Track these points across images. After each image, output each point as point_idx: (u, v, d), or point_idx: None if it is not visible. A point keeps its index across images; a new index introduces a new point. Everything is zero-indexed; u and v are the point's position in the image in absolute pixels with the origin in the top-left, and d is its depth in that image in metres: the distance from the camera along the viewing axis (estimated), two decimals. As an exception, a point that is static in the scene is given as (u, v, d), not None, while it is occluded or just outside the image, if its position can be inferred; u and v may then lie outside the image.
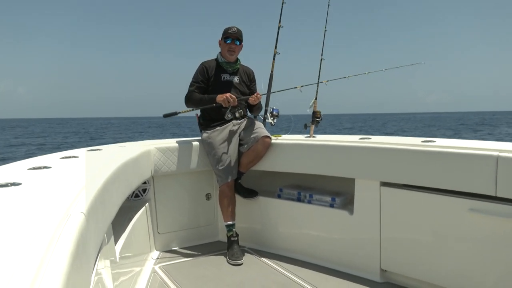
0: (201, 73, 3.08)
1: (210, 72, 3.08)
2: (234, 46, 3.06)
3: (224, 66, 3.11)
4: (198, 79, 3.08)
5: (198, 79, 3.08)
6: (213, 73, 3.08)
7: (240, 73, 3.18)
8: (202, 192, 3.30)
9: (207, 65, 3.10)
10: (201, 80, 3.07)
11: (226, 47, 3.05)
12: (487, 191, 1.99)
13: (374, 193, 2.46)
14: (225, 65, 3.11)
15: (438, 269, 2.22)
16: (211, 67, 3.09)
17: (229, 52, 3.06)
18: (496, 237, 2.00)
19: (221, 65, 3.11)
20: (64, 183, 1.37)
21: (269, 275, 2.62)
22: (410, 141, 2.43)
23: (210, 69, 3.09)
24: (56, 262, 0.75)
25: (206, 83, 3.08)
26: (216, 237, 3.33)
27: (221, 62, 3.11)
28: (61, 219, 0.95)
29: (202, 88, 3.08)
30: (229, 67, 3.12)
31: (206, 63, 3.12)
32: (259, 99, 3.07)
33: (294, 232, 2.93)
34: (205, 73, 3.08)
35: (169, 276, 2.61)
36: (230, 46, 3.05)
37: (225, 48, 3.06)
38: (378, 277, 2.48)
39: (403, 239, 2.36)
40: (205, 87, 3.08)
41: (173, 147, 3.03)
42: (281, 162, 2.95)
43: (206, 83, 3.08)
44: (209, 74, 3.08)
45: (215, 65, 3.12)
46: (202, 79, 3.07)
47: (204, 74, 3.08)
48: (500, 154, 1.95)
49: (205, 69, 3.08)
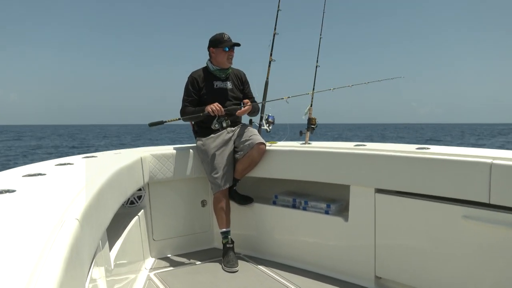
0: (192, 86, 3.07)
1: (201, 82, 3.07)
2: (233, 53, 3.08)
3: (217, 74, 3.11)
4: (189, 92, 3.08)
5: (189, 93, 3.08)
6: (204, 82, 3.08)
7: (232, 78, 3.18)
8: (198, 199, 3.29)
9: (196, 75, 3.09)
10: (193, 93, 3.07)
11: (226, 55, 3.05)
12: (480, 198, 2.01)
13: (369, 200, 2.47)
14: (218, 72, 3.11)
15: (433, 276, 2.23)
16: (201, 77, 3.09)
17: (228, 60, 3.07)
18: (489, 244, 2.01)
19: (214, 73, 3.11)
20: (58, 190, 1.37)
21: (265, 282, 2.61)
22: (404, 148, 2.45)
23: (201, 79, 3.08)
24: (50, 269, 0.75)
25: (198, 94, 3.08)
26: (212, 244, 3.32)
27: (214, 70, 3.11)
28: (55, 226, 0.95)
29: (195, 101, 3.08)
30: (222, 73, 3.12)
31: (195, 73, 3.11)
32: (245, 112, 3.06)
33: (289, 238, 2.93)
34: (196, 84, 3.07)
35: (164, 283, 2.59)
36: (230, 54, 3.06)
37: (224, 56, 3.05)
38: (373, 284, 2.48)
39: (398, 246, 2.36)
40: (197, 99, 3.08)
41: (168, 154, 3.03)
42: (276, 169, 2.96)
43: (198, 94, 3.08)
44: (199, 84, 3.07)
45: (205, 74, 3.12)
46: (193, 92, 3.07)
47: (195, 85, 3.07)
48: (494, 162, 1.97)
49: (195, 81, 3.07)
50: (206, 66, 3.16)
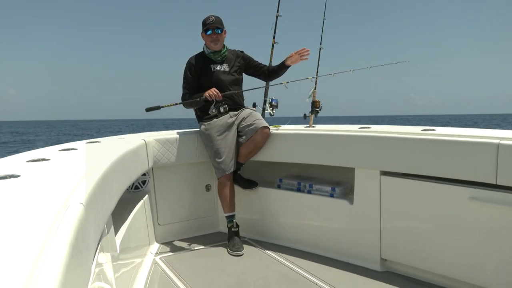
0: (190, 71, 3.07)
1: (198, 67, 3.06)
2: (216, 36, 3.03)
3: (212, 57, 3.09)
4: (187, 79, 3.08)
5: (188, 79, 3.08)
6: (201, 66, 3.06)
7: (229, 59, 3.16)
8: (202, 183, 3.29)
9: (192, 61, 3.09)
10: (191, 79, 3.06)
11: (209, 38, 3.03)
12: (487, 179, 1.99)
13: (374, 183, 2.45)
14: (212, 55, 3.08)
15: (438, 258, 2.23)
16: (197, 62, 3.08)
17: (213, 43, 3.04)
18: (496, 225, 2.00)
19: (209, 56, 3.09)
20: (63, 174, 1.37)
21: (270, 265, 2.62)
22: (410, 129, 2.42)
23: (197, 64, 3.07)
24: (55, 253, 0.74)
25: (197, 79, 3.07)
26: (217, 228, 3.34)
27: (208, 53, 3.09)
28: (60, 210, 0.95)
29: (194, 86, 3.07)
30: (217, 56, 3.10)
31: (191, 59, 3.11)
32: (307, 53, 3.05)
33: (294, 222, 2.93)
34: (193, 70, 3.06)
35: (170, 267, 2.61)
36: (212, 37, 3.03)
37: (208, 40, 3.04)
38: (379, 266, 2.49)
39: (403, 228, 2.36)
40: (196, 84, 3.07)
41: (172, 139, 3.02)
42: (281, 153, 2.94)
43: (196, 79, 3.07)
44: (197, 69, 3.06)
45: (202, 58, 3.10)
46: (191, 77, 3.06)
47: (192, 70, 3.06)
48: (501, 142, 1.94)
49: (192, 66, 3.07)
50: (202, 51, 3.14)
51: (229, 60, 3.15)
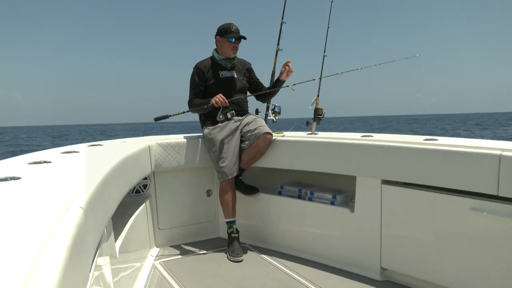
0: (198, 76, 3.07)
1: (207, 72, 3.06)
2: (238, 45, 3.06)
3: (223, 63, 3.10)
4: (195, 84, 3.07)
5: (195, 84, 3.07)
6: (210, 72, 3.07)
7: (237, 68, 3.17)
8: (203, 189, 3.29)
9: (201, 66, 3.08)
10: (199, 84, 3.06)
11: (231, 46, 3.04)
12: (489, 190, 1.98)
13: (375, 191, 2.45)
14: (224, 62, 3.09)
15: (439, 268, 2.21)
16: (206, 67, 3.08)
17: (233, 50, 3.06)
18: (497, 236, 1.99)
19: (219, 62, 3.10)
20: (63, 177, 1.37)
21: (270, 272, 2.61)
22: (412, 139, 2.42)
23: (206, 69, 3.07)
24: (53, 256, 0.74)
25: (204, 85, 3.07)
26: (217, 234, 3.33)
27: (219, 59, 3.10)
28: (59, 214, 0.95)
29: (201, 91, 3.07)
30: (228, 63, 3.11)
31: (200, 64, 3.10)
32: (292, 71, 3.09)
33: (294, 229, 2.92)
34: (201, 75, 3.06)
35: (169, 272, 2.61)
36: (235, 45, 3.05)
37: (229, 47, 3.04)
38: (378, 276, 2.48)
39: (404, 237, 2.35)
40: (204, 90, 3.07)
41: (174, 143, 3.02)
42: (282, 159, 2.94)
43: (204, 84, 3.07)
44: (205, 74, 3.06)
45: (211, 63, 3.11)
46: (199, 83, 3.06)
47: (201, 76, 3.06)
48: (503, 153, 1.94)
49: (200, 71, 3.06)
50: (211, 56, 3.14)
51: (237, 68, 3.17)
